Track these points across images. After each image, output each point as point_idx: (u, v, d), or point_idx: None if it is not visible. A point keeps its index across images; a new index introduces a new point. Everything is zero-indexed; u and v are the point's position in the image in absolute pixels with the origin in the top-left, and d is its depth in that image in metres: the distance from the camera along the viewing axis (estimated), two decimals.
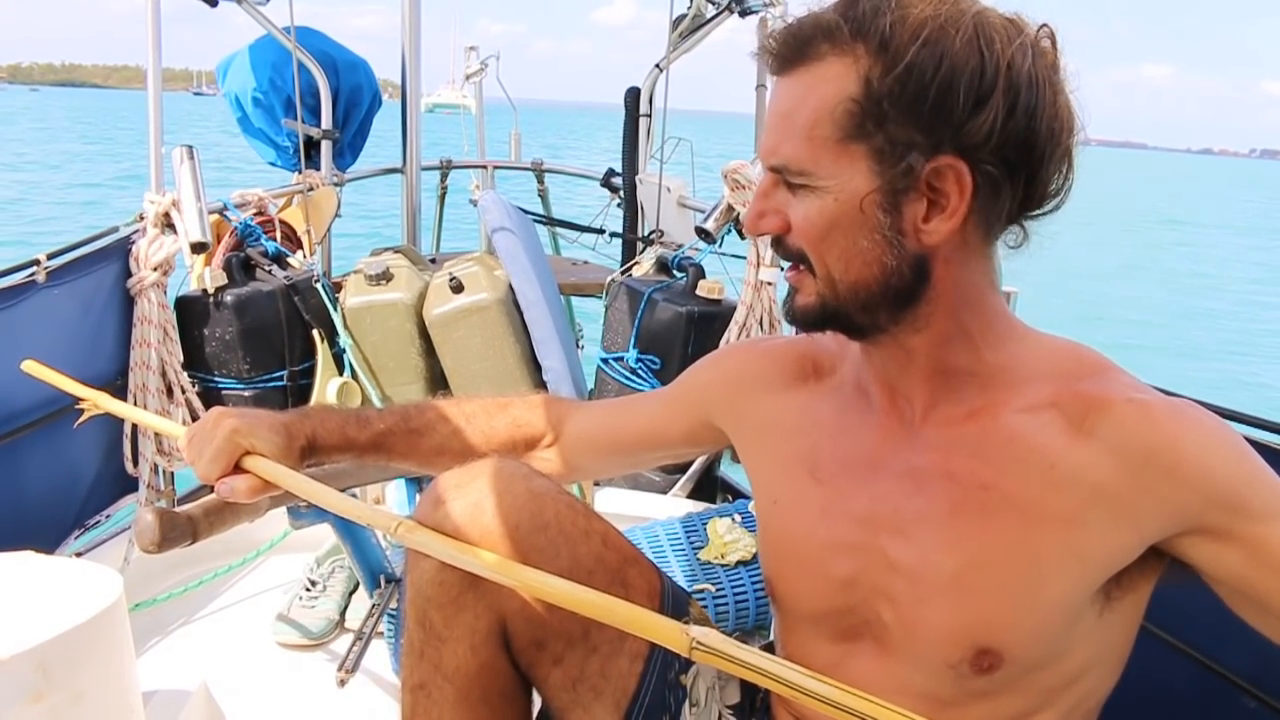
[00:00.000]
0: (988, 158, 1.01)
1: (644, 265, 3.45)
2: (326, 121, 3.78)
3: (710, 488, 2.91)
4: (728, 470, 3.07)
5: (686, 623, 1.30)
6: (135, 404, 2.55)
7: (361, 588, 1.93)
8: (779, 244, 1.12)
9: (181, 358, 2.71)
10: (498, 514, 1.16)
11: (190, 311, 2.80)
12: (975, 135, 0.99)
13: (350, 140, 3.98)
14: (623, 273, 3.43)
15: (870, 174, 1.03)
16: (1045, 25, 1.04)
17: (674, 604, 1.28)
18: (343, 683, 1.71)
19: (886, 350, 1.13)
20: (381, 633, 1.83)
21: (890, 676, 1.15)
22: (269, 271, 3.01)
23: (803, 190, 1.06)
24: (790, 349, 1.32)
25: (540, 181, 5.06)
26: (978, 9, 1.01)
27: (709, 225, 2.96)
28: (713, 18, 3.69)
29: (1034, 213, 1.07)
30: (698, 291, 2.99)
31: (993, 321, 1.12)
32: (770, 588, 1.28)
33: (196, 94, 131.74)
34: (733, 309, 2.90)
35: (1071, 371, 1.10)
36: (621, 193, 4.27)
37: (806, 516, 1.20)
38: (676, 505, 2.69)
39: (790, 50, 1.05)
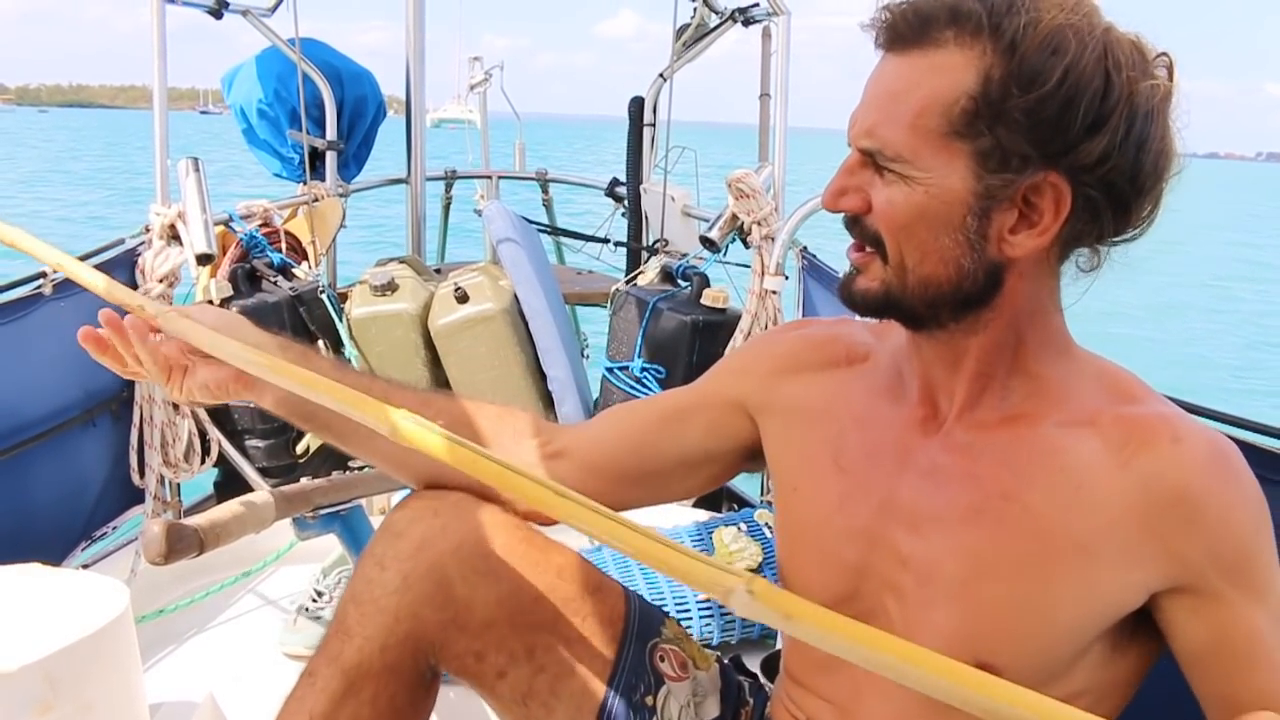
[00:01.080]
0: (1092, 182, 0.98)
1: (648, 274, 3.45)
2: (331, 133, 3.79)
3: (716, 496, 2.91)
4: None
5: (665, 626, 1.31)
6: (142, 416, 2.56)
7: None
8: (855, 223, 1.08)
9: None
10: (444, 535, 1.19)
11: None
12: (1085, 157, 0.97)
13: (355, 151, 3.99)
14: (627, 282, 3.43)
15: (969, 175, 1.00)
16: (1164, 54, 1.01)
17: (641, 624, 1.29)
18: None
19: (937, 344, 1.12)
20: None
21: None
22: (274, 283, 3.02)
23: (893, 175, 1.03)
24: (824, 332, 1.30)
25: (545, 191, 5.07)
26: (1108, 25, 0.99)
27: (713, 234, 2.96)
28: (716, 27, 3.70)
29: (1114, 239, 1.05)
30: (702, 300, 3.00)
31: (1049, 337, 1.10)
32: (781, 574, 1.27)
33: (203, 112, 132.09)
34: (737, 318, 2.90)
35: (1116, 394, 1.08)
36: (626, 202, 4.28)
37: (825, 504, 1.19)
38: (683, 514, 2.68)
39: (911, 28, 1.01)
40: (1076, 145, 0.97)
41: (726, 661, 1.41)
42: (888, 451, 1.16)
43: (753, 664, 1.40)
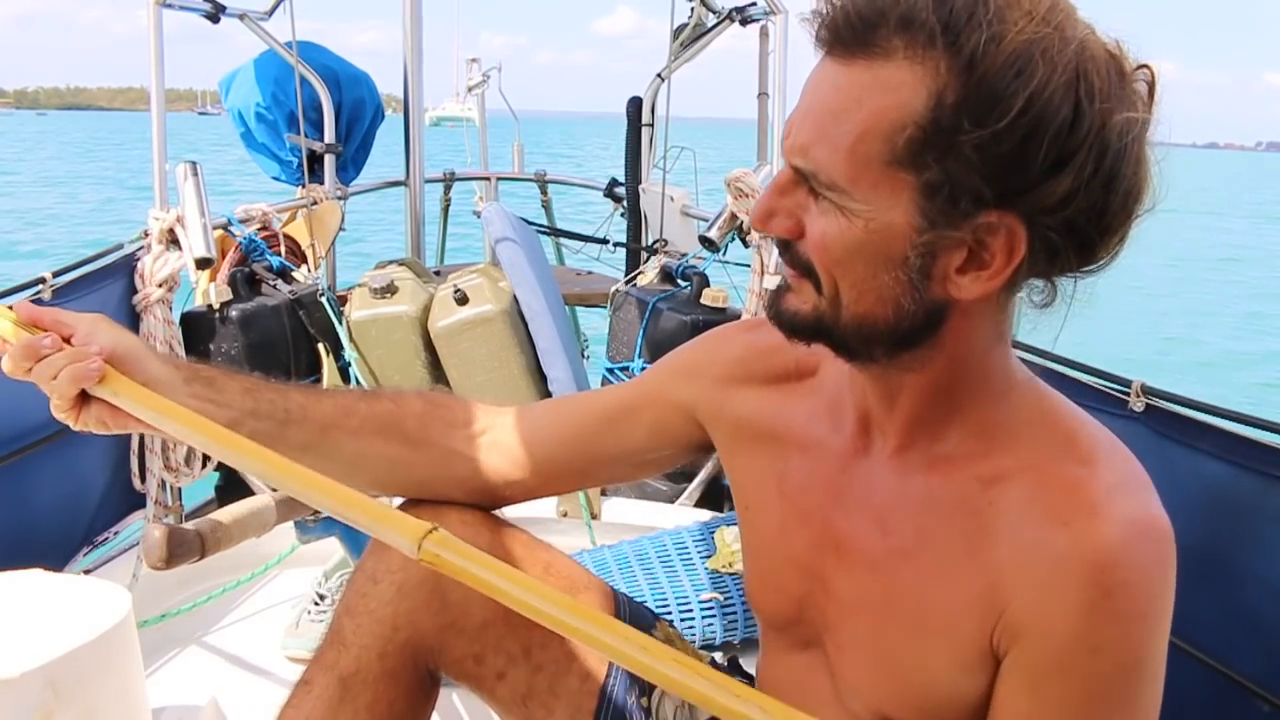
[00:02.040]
0: (1051, 223, 0.87)
1: (648, 274, 3.45)
2: (330, 135, 3.79)
3: (717, 496, 2.91)
4: None
5: (656, 629, 1.31)
6: None
7: None
8: (786, 247, 0.98)
9: None
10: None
11: (196, 327, 2.80)
12: (1046, 198, 0.85)
13: (353, 154, 3.98)
14: (627, 282, 3.43)
15: (912, 209, 0.88)
16: (1145, 67, 0.89)
17: (632, 623, 1.28)
18: None
19: (873, 378, 1.04)
20: None
21: (838, 700, 1.13)
22: (274, 286, 3.02)
23: (827, 202, 0.91)
24: (773, 340, 1.14)
25: (544, 192, 5.07)
26: (1082, 37, 0.85)
27: (712, 234, 2.96)
28: (714, 27, 3.70)
29: (1072, 274, 0.94)
30: (702, 300, 3.00)
31: (991, 376, 1.01)
32: (746, 588, 1.27)
33: (201, 114, 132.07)
34: (737, 317, 2.90)
35: (1055, 445, 0.98)
36: (625, 202, 4.28)
37: (770, 528, 1.17)
38: (684, 514, 2.68)
39: (854, 31, 0.87)
40: (1036, 185, 0.85)
41: (723, 662, 1.41)
42: (824, 482, 1.11)
43: (750, 665, 1.40)
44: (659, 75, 4.00)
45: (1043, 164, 0.84)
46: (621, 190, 4.35)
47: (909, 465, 1.04)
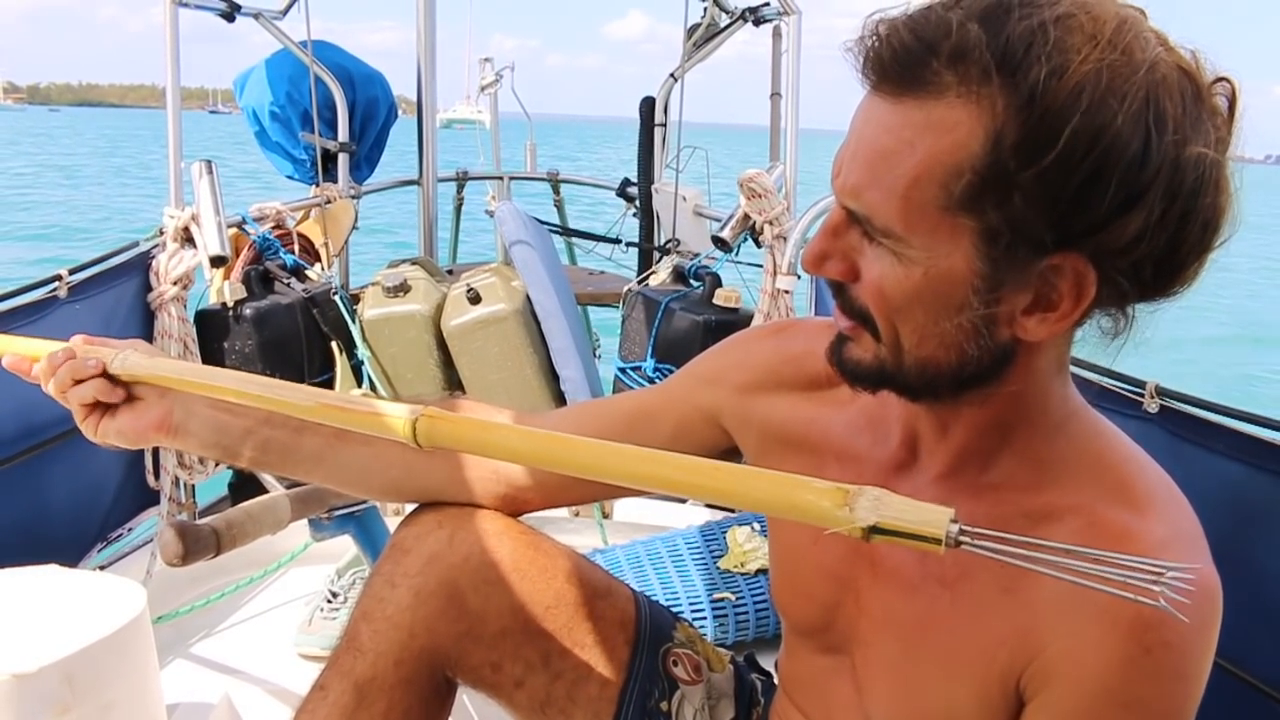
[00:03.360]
0: (1122, 266, 0.82)
1: (660, 274, 3.45)
2: (343, 134, 3.80)
3: None
4: None
5: (677, 630, 1.30)
6: None
7: None
8: (840, 291, 0.93)
9: None
10: (451, 548, 1.18)
11: (210, 325, 2.81)
12: (1115, 241, 0.80)
13: (367, 153, 3.99)
14: (639, 282, 3.43)
15: (973, 254, 0.83)
16: (1224, 79, 0.83)
17: (653, 630, 1.28)
18: None
19: (928, 409, 1.00)
20: None
21: (858, 708, 1.12)
22: (287, 284, 3.02)
23: (882, 248, 0.87)
24: (803, 347, 1.17)
25: (556, 192, 5.07)
26: (1153, 60, 0.79)
27: (725, 234, 2.96)
28: (727, 27, 3.70)
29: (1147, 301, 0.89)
30: (715, 300, 2.99)
31: (1049, 407, 0.97)
32: (773, 593, 1.25)
33: (212, 112, 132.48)
34: (750, 317, 2.90)
35: (1107, 488, 0.94)
36: (637, 202, 4.28)
37: (802, 536, 1.14)
38: (695, 514, 2.68)
39: (902, 66, 0.81)
40: (1103, 226, 0.79)
41: (741, 660, 1.41)
42: None
43: (767, 662, 1.40)
44: (672, 75, 4.00)
45: (1111, 204, 0.78)
46: (634, 190, 4.34)
47: (954, 490, 1.01)
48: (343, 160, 3.81)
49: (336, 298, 3.06)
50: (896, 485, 1.02)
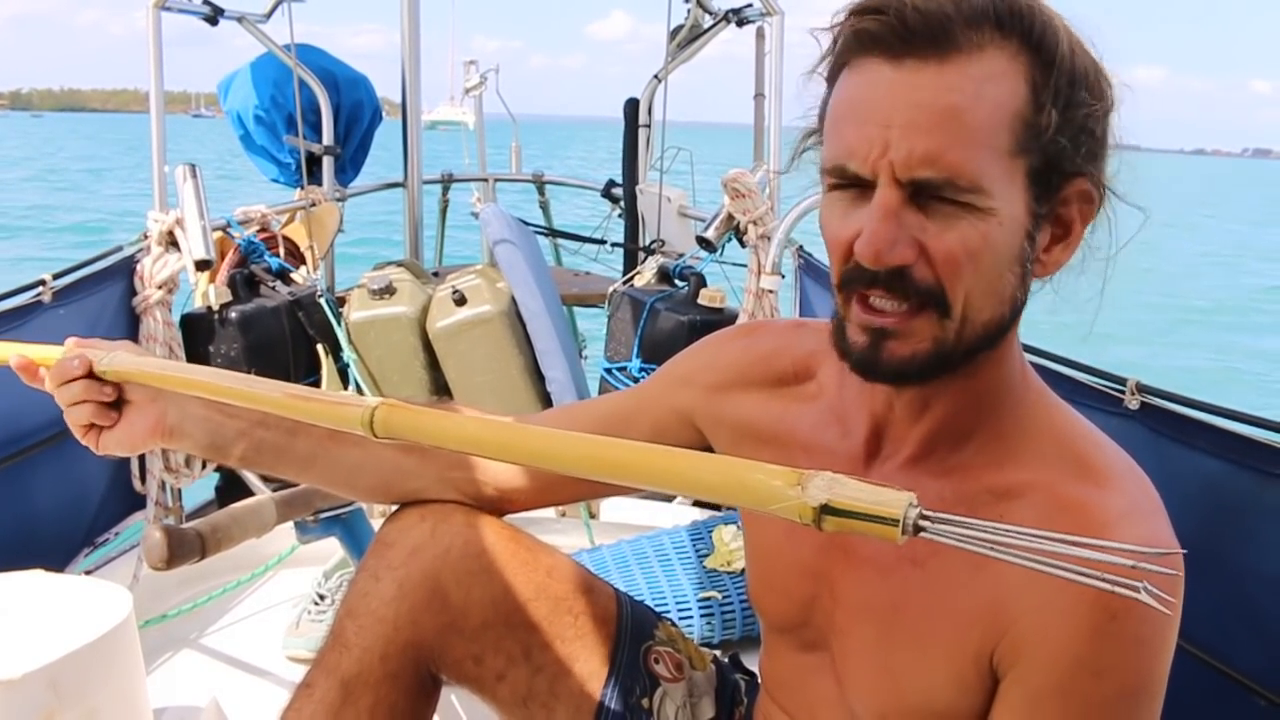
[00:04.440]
0: (1103, 175, 0.92)
1: (645, 275, 3.46)
2: (328, 137, 3.80)
3: None
4: None
5: (659, 629, 1.31)
6: None
7: None
8: (898, 278, 0.90)
9: None
10: (434, 539, 1.19)
11: (195, 329, 2.80)
12: (1102, 153, 0.91)
13: (352, 156, 4.00)
14: (624, 282, 3.44)
15: (1027, 195, 0.89)
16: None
17: (634, 628, 1.29)
18: None
19: (917, 391, 1.00)
20: None
21: (841, 701, 1.13)
22: (273, 288, 3.02)
23: (954, 211, 0.88)
24: (771, 345, 1.20)
25: (541, 193, 5.07)
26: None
27: (710, 234, 2.97)
28: (710, 28, 3.71)
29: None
30: (699, 300, 3.00)
31: (1014, 376, 1.01)
32: (750, 593, 1.26)
33: (195, 116, 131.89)
34: (734, 317, 2.91)
35: (1067, 462, 0.97)
36: (622, 203, 4.29)
37: (775, 532, 1.16)
38: (682, 513, 2.69)
39: (937, 31, 0.86)
40: (1100, 141, 0.91)
41: (724, 660, 1.42)
42: None
43: (751, 662, 1.41)
44: (656, 76, 4.01)
45: (1098, 121, 0.90)
46: (619, 191, 4.35)
47: (921, 473, 1.02)
48: (327, 163, 3.81)
49: (322, 300, 3.06)
50: (864, 474, 1.03)
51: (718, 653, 1.42)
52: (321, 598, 2.26)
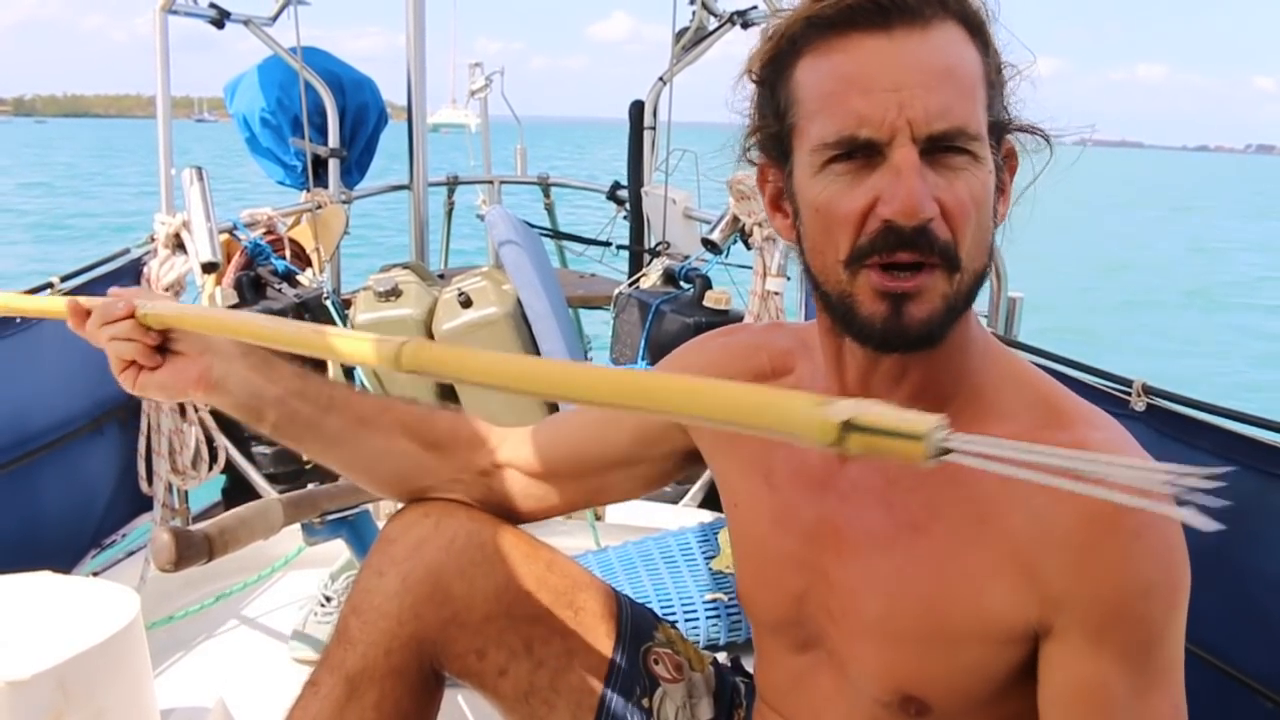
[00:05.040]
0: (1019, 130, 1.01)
1: (651, 277, 3.47)
2: (334, 140, 3.81)
3: (720, 497, 2.92)
4: None
5: (658, 630, 1.31)
6: (149, 424, 2.56)
7: None
8: (922, 235, 0.92)
9: None
10: (437, 533, 1.20)
11: None
12: (1009, 111, 1.00)
13: (357, 158, 4.00)
14: (630, 284, 3.44)
15: (990, 152, 0.96)
16: None
17: (634, 629, 1.30)
18: None
19: (888, 360, 1.02)
20: None
21: (843, 695, 1.14)
22: (279, 290, 3.03)
23: (959, 162, 0.93)
24: (749, 341, 1.24)
25: (547, 195, 5.08)
26: None
27: (715, 236, 2.96)
28: (715, 30, 3.71)
29: None
30: (705, 302, 3.01)
31: (974, 331, 1.04)
32: (739, 592, 1.26)
33: (198, 120, 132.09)
34: (740, 319, 2.91)
35: (1040, 411, 1.01)
36: (627, 205, 4.29)
37: (761, 523, 1.17)
38: (688, 515, 2.69)
39: (907, 4, 0.92)
40: (1008, 102, 0.99)
41: (724, 662, 1.42)
42: (813, 472, 1.11)
43: (751, 665, 1.41)
44: (661, 79, 4.01)
45: (1009, 85, 0.98)
46: (624, 193, 4.36)
47: None
48: (333, 166, 3.81)
49: (328, 303, 3.06)
50: (839, 457, 1.07)
51: (718, 655, 1.42)
52: (328, 599, 2.27)
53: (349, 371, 3.10)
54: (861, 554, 1.07)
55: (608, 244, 4.36)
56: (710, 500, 2.86)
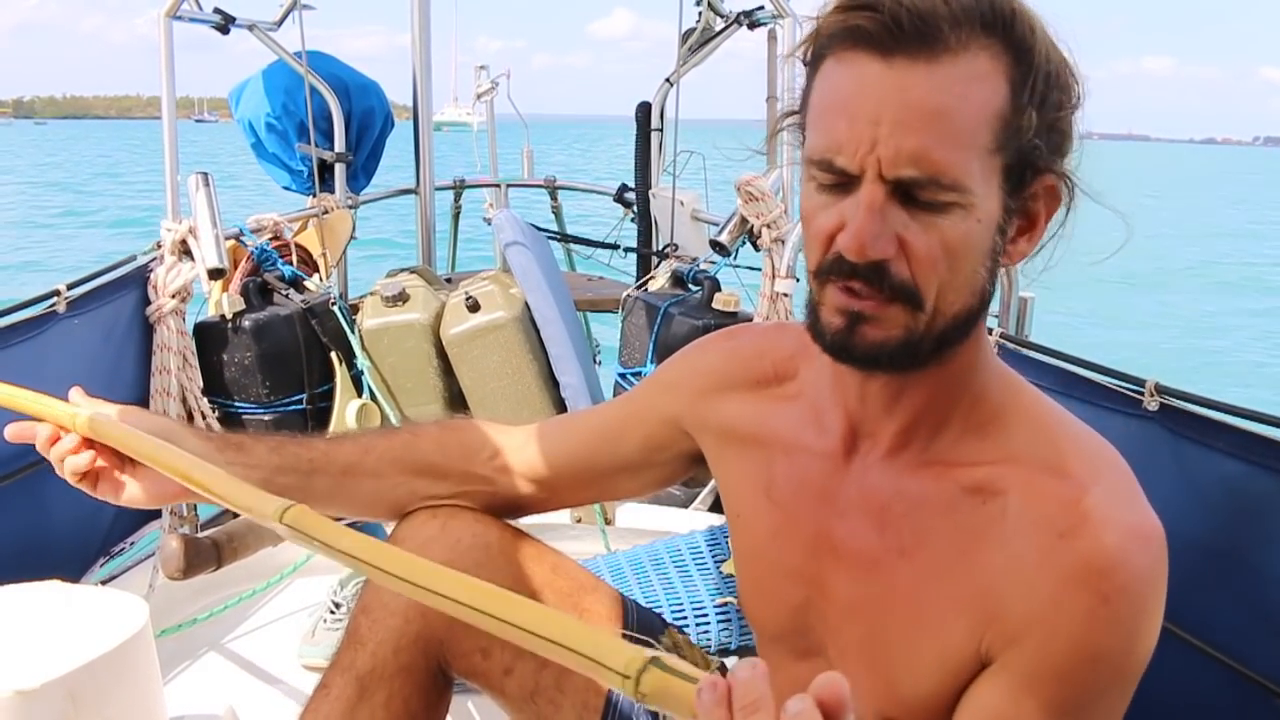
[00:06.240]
0: (1067, 172, 0.95)
1: (659, 279, 3.45)
2: (340, 144, 3.80)
3: None
4: None
5: (655, 647, 1.31)
6: None
7: None
8: (876, 272, 0.92)
9: (201, 384, 2.72)
10: (444, 533, 1.23)
11: (209, 337, 2.81)
12: (1068, 149, 0.94)
13: (364, 163, 4.00)
14: (638, 287, 3.43)
15: (1001, 191, 0.92)
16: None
17: (640, 630, 1.30)
18: None
19: (881, 384, 1.03)
20: None
21: None
22: (286, 295, 3.02)
23: (937, 209, 0.90)
24: (753, 346, 1.23)
25: (554, 198, 5.07)
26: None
27: (723, 238, 2.96)
28: (721, 30, 3.70)
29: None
30: (713, 304, 2.99)
31: (985, 360, 1.03)
32: (740, 603, 1.27)
33: (198, 121, 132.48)
34: (749, 321, 2.90)
35: (1043, 451, 0.99)
36: (635, 207, 4.28)
37: (762, 535, 1.17)
38: (698, 518, 2.68)
39: (926, 30, 0.87)
40: (1067, 138, 0.94)
41: (730, 666, 1.42)
42: (812, 487, 1.11)
43: None
44: (667, 80, 4.00)
45: (1068, 118, 0.93)
46: (631, 195, 4.35)
47: (902, 465, 1.05)
48: (339, 170, 3.81)
49: (335, 308, 3.06)
50: (844, 470, 1.08)
51: (730, 659, 1.42)
52: (337, 606, 2.26)
53: (357, 381, 3.10)
54: (855, 572, 1.07)
55: (615, 246, 4.35)
56: (720, 504, 2.85)
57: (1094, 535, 0.92)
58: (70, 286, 2.32)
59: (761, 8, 3.39)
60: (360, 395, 3.09)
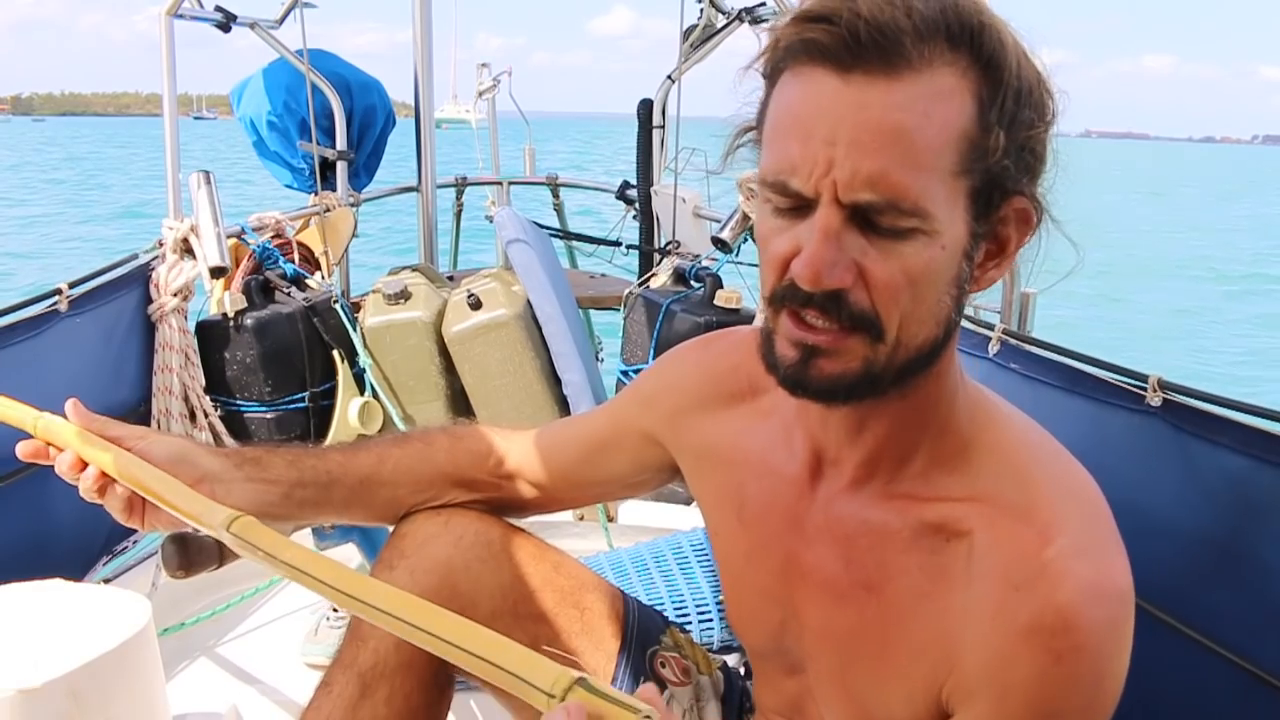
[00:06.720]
0: (1040, 194, 0.90)
1: (661, 276, 3.45)
2: (341, 142, 3.80)
3: None
4: None
5: (666, 634, 1.31)
6: (159, 429, 2.56)
7: None
8: (832, 302, 0.87)
9: (203, 382, 2.72)
10: (446, 530, 1.23)
11: (211, 336, 2.81)
12: (1041, 169, 0.89)
13: (365, 161, 4.00)
14: (640, 284, 3.43)
15: (967, 216, 0.86)
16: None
17: (640, 631, 1.31)
18: None
19: (843, 414, 1.00)
20: None
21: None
22: (288, 294, 3.02)
23: (897, 235, 0.85)
24: (726, 360, 1.20)
25: (555, 195, 5.07)
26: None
27: (725, 235, 2.95)
28: (723, 28, 3.70)
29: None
30: (715, 301, 2.99)
31: (955, 387, 0.99)
32: (728, 620, 1.28)
33: (197, 118, 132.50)
34: (751, 318, 2.89)
35: (1011, 495, 0.94)
36: (637, 205, 4.28)
37: (737, 556, 1.17)
38: (700, 516, 2.68)
39: (886, 44, 0.82)
40: (1041, 159, 0.89)
41: (736, 666, 1.42)
42: (782, 510, 1.09)
43: None
44: (669, 77, 4.00)
45: (1042, 138, 0.88)
46: (633, 193, 4.34)
47: (867, 496, 1.02)
48: (341, 168, 3.81)
49: (337, 306, 3.06)
50: (810, 496, 1.05)
51: (732, 658, 1.42)
52: None
53: (359, 379, 3.10)
54: (823, 602, 1.06)
55: (617, 244, 4.35)
56: None
57: (1048, 591, 0.87)
58: (72, 285, 2.32)
59: (763, 4, 3.39)
60: (362, 393, 3.10)
